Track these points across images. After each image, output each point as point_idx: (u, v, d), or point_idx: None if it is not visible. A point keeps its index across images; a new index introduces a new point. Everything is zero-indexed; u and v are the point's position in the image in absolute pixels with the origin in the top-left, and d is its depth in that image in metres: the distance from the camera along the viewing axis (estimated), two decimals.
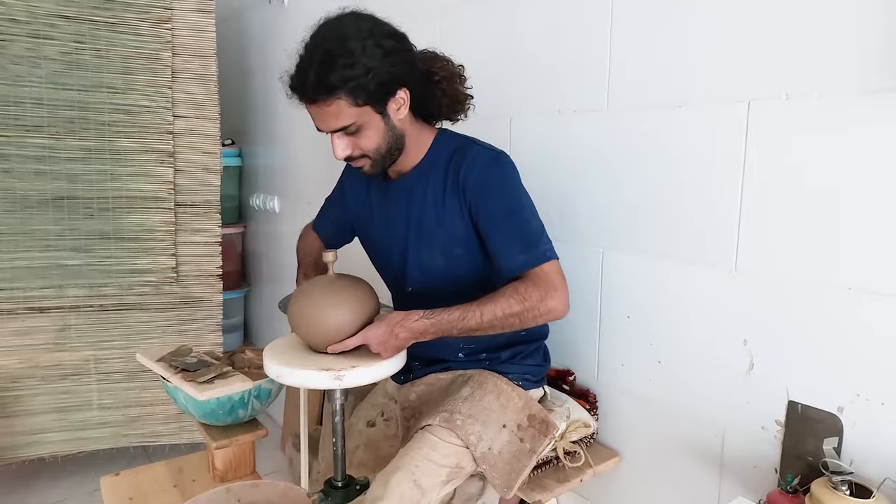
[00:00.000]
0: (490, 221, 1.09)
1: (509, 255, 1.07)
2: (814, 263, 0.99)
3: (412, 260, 1.21)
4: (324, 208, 1.44)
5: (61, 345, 2.19)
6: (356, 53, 1.00)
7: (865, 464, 0.96)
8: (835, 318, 0.98)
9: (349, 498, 1.16)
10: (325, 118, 1.04)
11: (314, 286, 1.10)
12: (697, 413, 1.18)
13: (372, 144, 1.09)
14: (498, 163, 1.11)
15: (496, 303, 1.02)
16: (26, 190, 2.06)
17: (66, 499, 2.22)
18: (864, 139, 0.93)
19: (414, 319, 1.03)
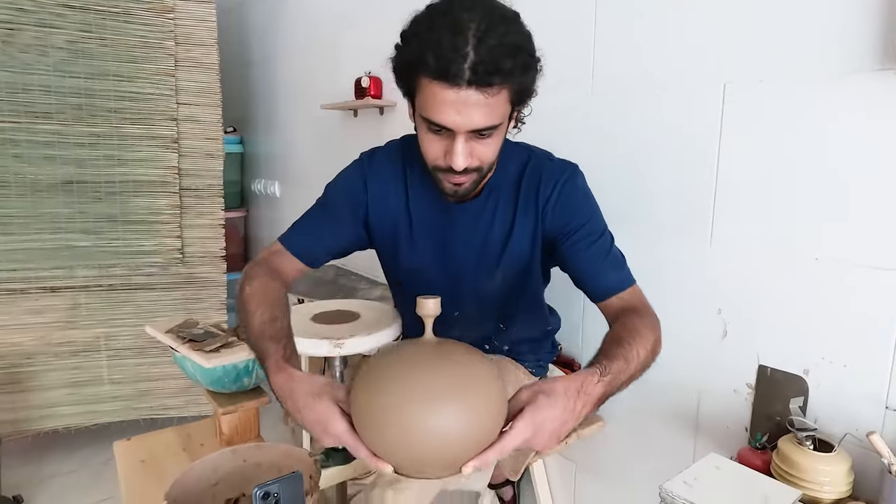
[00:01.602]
0: (578, 242, 0.94)
1: (602, 275, 0.93)
2: (783, 235, 1.01)
3: (467, 287, 1.06)
4: (307, 225, 1.04)
5: (73, 323, 2.19)
6: (528, 40, 0.82)
7: (829, 422, 0.98)
8: (803, 287, 1.00)
9: (349, 460, 1.18)
10: (475, 111, 0.78)
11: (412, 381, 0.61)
12: (674, 379, 1.21)
13: (492, 155, 0.87)
14: (576, 179, 0.97)
15: (639, 337, 0.82)
16: (36, 174, 2.05)
17: (79, 468, 2.23)
18: (830, 119, 0.94)
19: (594, 382, 0.70)
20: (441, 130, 0.82)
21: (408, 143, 1.01)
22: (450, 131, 0.81)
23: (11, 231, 2.05)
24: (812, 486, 0.89)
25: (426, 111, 0.81)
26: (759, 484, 0.87)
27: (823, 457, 0.90)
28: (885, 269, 0.90)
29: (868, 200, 0.91)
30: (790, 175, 1.00)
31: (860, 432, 0.92)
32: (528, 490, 1.57)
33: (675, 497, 0.85)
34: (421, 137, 0.87)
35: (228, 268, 2.48)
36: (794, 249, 1.00)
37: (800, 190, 0.99)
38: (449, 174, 0.87)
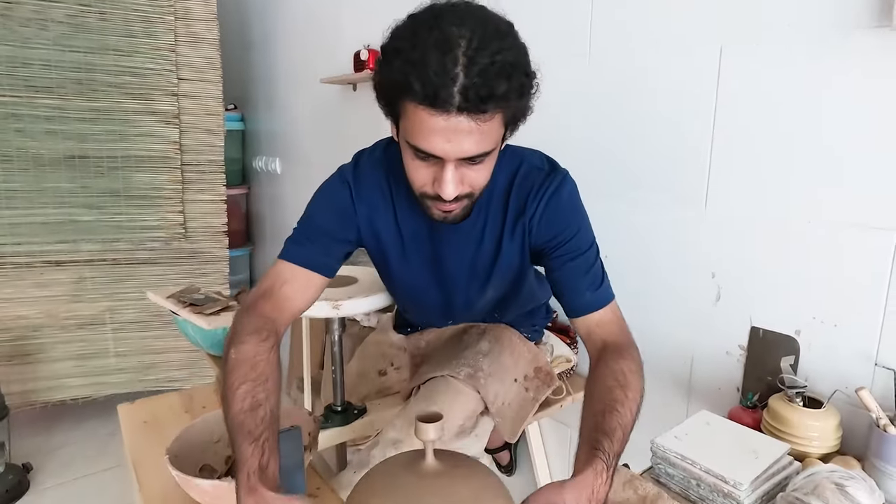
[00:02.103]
0: (561, 256, 0.89)
1: (578, 292, 0.88)
2: (777, 198, 1.01)
3: (460, 300, 1.06)
4: (306, 239, 0.91)
5: (78, 296, 2.20)
6: (523, 55, 0.73)
7: (819, 381, 0.99)
8: (796, 249, 0.99)
9: (348, 421, 1.19)
10: (466, 139, 0.71)
11: None
12: (668, 343, 1.21)
13: (484, 180, 0.81)
14: (563, 191, 0.90)
15: (630, 393, 0.75)
16: (38, 149, 2.04)
17: (87, 439, 2.26)
18: (826, 78, 0.93)
19: (604, 482, 0.65)
20: (429, 158, 0.74)
21: (390, 156, 0.92)
22: (439, 158, 0.74)
23: (15, 205, 2.05)
24: (801, 441, 0.89)
25: (412, 138, 0.73)
26: (748, 438, 0.88)
27: (813, 413, 0.90)
28: (877, 229, 0.89)
29: (863, 160, 0.90)
30: (786, 137, 0.99)
31: (849, 389, 0.92)
32: (524, 454, 1.58)
33: (666, 450, 0.86)
34: (407, 163, 0.79)
35: (231, 244, 2.48)
36: (788, 211, 0.99)
37: (795, 152, 0.98)
38: (438, 202, 0.79)
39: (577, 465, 0.67)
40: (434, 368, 1.16)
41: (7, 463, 1.92)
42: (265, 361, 0.75)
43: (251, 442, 0.65)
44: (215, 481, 0.82)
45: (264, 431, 0.67)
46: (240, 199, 3.08)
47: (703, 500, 0.81)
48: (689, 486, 0.83)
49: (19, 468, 1.97)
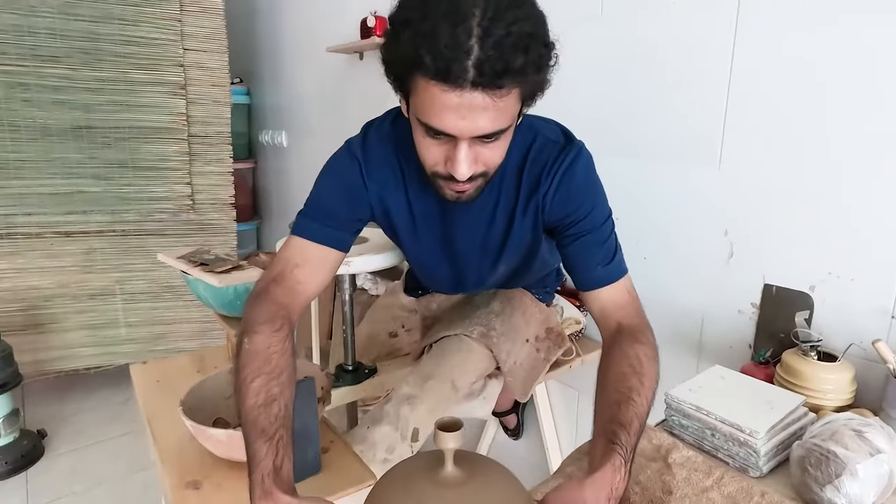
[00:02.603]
0: (575, 233, 0.85)
1: (590, 267, 0.84)
2: (794, 152, 0.98)
3: (472, 276, 1.03)
4: (316, 213, 0.86)
5: (88, 267, 2.19)
6: (542, 25, 0.67)
7: (833, 337, 0.97)
8: (812, 202, 0.97)
9: (358, 380, 1.18)
10: (481, 116, 0.66)
11: None
12: (679, 303, 1.19)
13: (499, 158, 0.75)
14: (580, 163, 0.84)
15: (646, 380, 0.72)
16: (46, 119, 2.02)
17: (99, 407, 2.27)
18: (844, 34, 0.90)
19: (622, 477, 0.62)
20: (441, 135, 0.69)
21: (399, 131, 0.87)
22: (451, 136, 0.69)
23: (24, 175, 2.03)
24: (815, 394, 0.87)
25: (424, 115, 0.68)
26: (762, 391, 0.86)
27: (827, 366, 0.89)
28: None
29: (882, 111, 0.87)
30: (804, 92, 0.95)
31: (864, 343, 0.90)
32: (532, 418, 1.57)
33: (681, 402, 0.84)
34: (418, 141, 0.74)
35: (238, 218, 2.46)
36: (805, 165, 0.97)
37: (814, 105, 0.95)
38: (450, 182, 0.75)
39: (594, 461, 0.64)
40: (446, 328, 1.14)
41: (22, 429, 1.93)
42: (279, 353, 0.72)
43: (265, 441, 0.62)
44: (230, 430, 0.81)
45: (279, 429, 0.64)
46: (246, 173, 3.05)
47: (718, 450, 0.80)
48: (704, 436, 0.82)
49: (34, 434, 1.98)
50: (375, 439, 0.98)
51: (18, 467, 1.85)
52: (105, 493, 1.76)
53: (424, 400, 1.01)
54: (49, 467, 1.89)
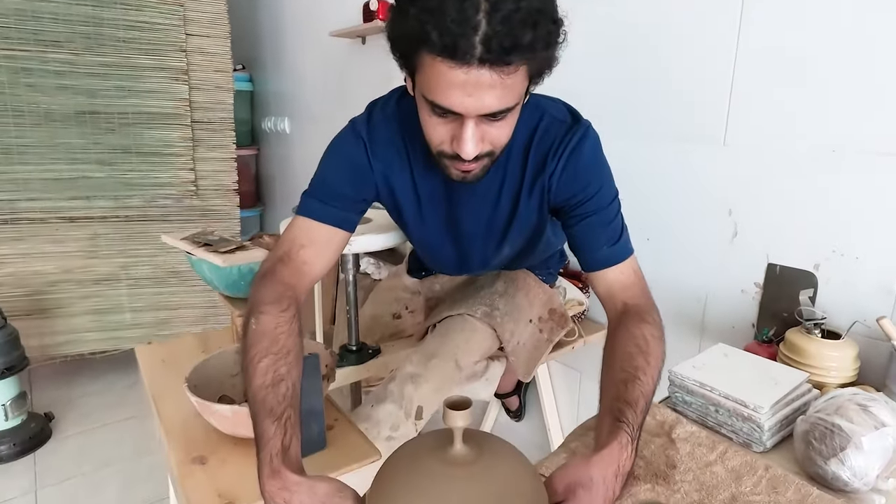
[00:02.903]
0: (581, 213, 0.83)
1: (596, 248, 0.83)
2: (801, 130, 0.97)
3: (476, 257, 1.02)
4: (321, 193, 0.85)
5: (92, 253, 2.18)
6: (553, 7, 0.66)
7: (838, 315, 0.96)
8: (817, 181, 0.96)
9: (362, 361, 1.18)
10: (488, 94, 0.64)
11: None
12: (681, 284, 1.18)
13: (506, 137, 0.74)
14: (586, 143, 0.82)
15: (653, 360, 0.71)
16: (49, 104, 2.00)
17: (106, 391, 2.27)
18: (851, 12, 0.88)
19: (628, 455, 0.61)
20: (447, 114, 0.68)
21: (405, 110, 0.85)
22: (457, 115, 0.67)
23: (28, 161, 2.02)
24: (819, 372, 0.87)
25: (430, 93, 0.66)
26: (767, 368, 0.85)
27: (831, 343, 0.88)
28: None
29: (891, 87, 0.86)
30: (811, 68, 0.94)
31: (869, 321, 0.89)
32: (534, 399, 1.57)
33: (684, 378, 0.84)
34: (423, 119, 0.73)
35: (241, 205, 2.45)
36: (811, 143, 0.95)
37: (821, 82, 0.93)
38: (456, 161, 0.73)
39: (601, 438, 0.63)
40: (450, 308, 1.14)
41: (29, 412, 1.94)
42: (286, 333, 0.71)
43: (273, 420, 0.62)
44: (234, 406, 0.81)
45: (287, 409, 0.63)
46: (249, 160, 3.04)
47: (722, 425, 0.80)
48: (708, 412, 0.81)
49: (41, 417, 1.99)
50: (380, 417, 0.97)
51: (26, 449, 1.86)
52: (112, 475, 1.76)
53: (428, 379, 1.00)
54: (57, 449, 1.90)
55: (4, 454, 1.81)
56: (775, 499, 0.65)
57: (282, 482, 0.57)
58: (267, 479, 0.57)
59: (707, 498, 0.66)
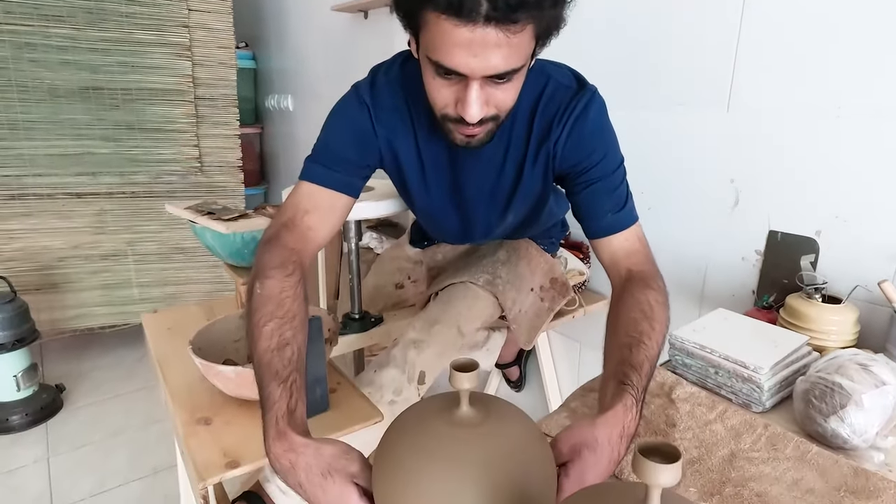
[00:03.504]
0: (586, 181, 0.81)
1: (600, 215, 0.80)
2: (805, 94, 0.94)
3: (480, 225, 1.00)
4: (324, 158, 0.83)
5: (99, 228, 2.17)
6: None
7: (839, 281, 0.94)
8: (822, 146, 0.93)
9: (365, 328, 1.17)
10: (494, 54, 0.62)
11: (457, 474, 0.46)
12: (682, 253, 1.17)
13: (511, 101, 0.71)
14: (592, 109, 0.80)
15: (657, 325, 0.70)
16: (53, 80, 1.98)
17: (115, 364, 2.28)
18: None
19: (633, 416, 0.59)
20: (451, 75, 0.65)
21: (408, 74, 0.83)
22: (462, 76, 0.65)
23: (34, 136, 2.00)
24: (818, 335, 0.86)
25: (434, 53, 0.64)
26: (766, 331, 0.84)
27: (831, 307, 0.86)
28: None
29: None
30: (815, 28, 0.91)
31: (871, 286, 0.87)
32: (534, 370, 1.57)
33: (685, 341, 0.83)
34: (427, 82, 0.70)
35: (245, 183, 2.43)
36: (815, 107, 0.93)
37: (827, 45, 0.90)
38: (461, 125, 0.71)
39: (605, 401, 0.62)
40: (452, 276, 1.13)
41: (41, 383, 1.95)
42: (291, 298, 0.69)
43: (279, 383, 0.60)
44: (238, 367, 0.80)
45: (292, 373, 0.62)
46: (253, 138, 3.01)
47: (721, 387, 0.79)
48: (707, 374, 0.80)
49: (52, 388, 2.00)
50: (382, 382, 0.97)
51: (39, 419, 1.87)
52: (122, 443, 1.77)
53: (431, 344, 0.99)
54: (68, 419, 1.91)
55: (17, 423, 1.83)
56: (774, 455, 0.65)
57: (288, 444, 0.56)
58: (273, 440, 0.56)
59: (706, 455, 0.66)
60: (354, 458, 0.55)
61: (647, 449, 0.33)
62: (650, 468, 0.32)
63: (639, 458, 0.33)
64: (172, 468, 1.62)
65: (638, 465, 0.33)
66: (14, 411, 1.83)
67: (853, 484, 0.59)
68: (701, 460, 0.65)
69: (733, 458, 0.65)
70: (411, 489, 0.46)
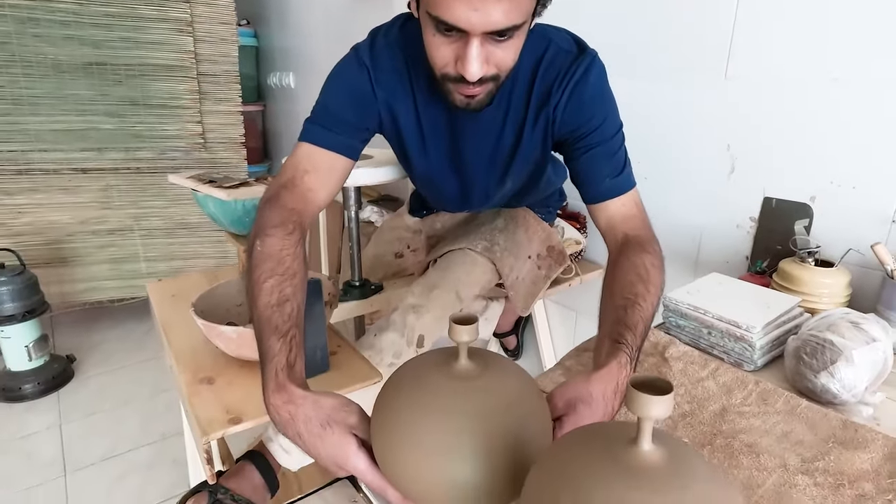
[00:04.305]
0: (585, 145, 0.80)
1: (599, 180, 0.79)
2: (803, 61, 0.92)
3: (479, 191, 0.98)
4: (324, 119, 0.81)
5: (106, 203, 2.16)
6: None
7: (832, 246, 0.93)
8: (819, 112, 0.91)
9: (365, 296, 1.16)
10: (495, 8, 0.60)
11: (454, 424, 0.46)
12: (678, 221, 1.15)
13: (511, 60, 0.70)
14: (592, 73, 0.78)
15: (653, 287, 0.69)
16: (57, 55, 1.94)
17: (124, 336, 2.28)
18: None
19: (624, 376, 0.59)
20: (452, 32, 0.64)
21: (408, 36, 0.81)
22: (462, 32, 0.63)
23: (40, 112, 1.97)
24: (811, 298, 0.85)
25: (435, 7, 0.62)
26: (759, 294, 0.83)
27: (824, 270, 0.86)
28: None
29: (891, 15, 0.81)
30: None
31: (864, 250, 0.86)
32: (531, 338, 1.57)
33: (679, 303, 0.82)
34: (427, 40, 0.68)
35: (248, 160, 2.41)
36: (813, 74, 0.91)
37: (825, 9, 0.88)
38: (460, 84, 0.69)
39: (600, 359, 0.62)
40: (451, 243, 1.12)
41: (52, 353, 1.95)
42: (292, 256, 0.68)
43: (279, 338, 0.59)
44: (239, 328, 0.80)
45: (292, 328, 0.61)
46: (256, 115, 2.97)
47: (714, 347, 0.78)
48: (700, 335, 0.80)
49: (63, 359, 2.00)
50: (382, 346, 0.96)
51: (50, 388, 1.88)
52: (132, 411, 1.79)
53: (430, 308, 0.99)
54: (79, 388, 1.92)
55: (29, 392, 1.84)
56: (764, 409, 0.64)
57: (287, 396, 0.55)
58: (272, 393, 0.56)
59: (698, 409, 0.65)
60: (353, 411, 0.55)
61: (639, 383, 0.33)
62: (642, 400, 0.31)
63: (631, 391, 0.32)
64: (180, 435, 1.63)
65: (631, 398, 0.32)
66: (26, 380, 1.84)
67: (842, 435, 0.59)
68: (693, 414, 0.64)
69: (724, 413, 0.64)
70: (409, 440, 0.46)
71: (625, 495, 0.31)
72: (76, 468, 1.53)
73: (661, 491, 0.31)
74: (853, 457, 0.55)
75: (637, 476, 0.32)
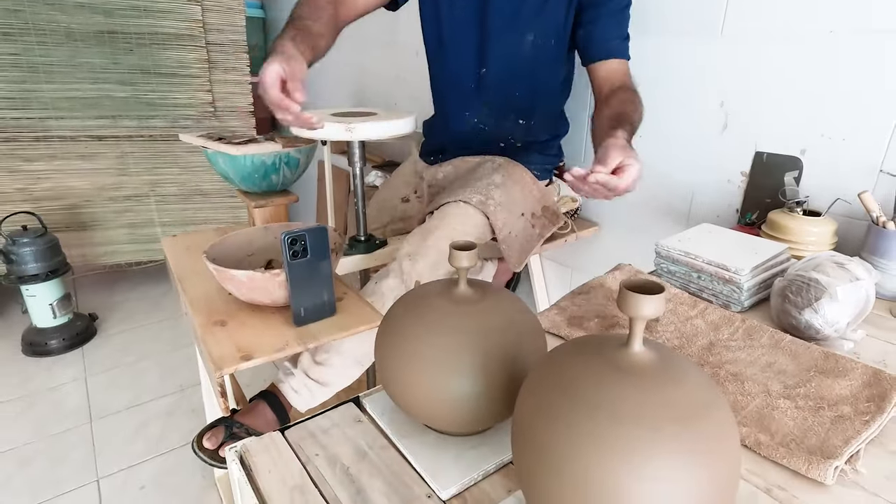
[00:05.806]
0: (600, 8, 0.96)
1: (606, 42, 0.97)
2: (798, 15, 0.89)
3: (499, 46, 1.05)
4: None
5: (122, 170, 2.15)
6: None
7: (820, 197, 0.92)
8: (813, 65, 0.89)
9: (370, 250, 1.16)
10: None
11: (454, 349, 0.46)
12: (671, 179, 1.14)
13: None
14: None
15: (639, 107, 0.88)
16: (69, 23, 1.90)
17: (143, 297, 2.30)
18: None
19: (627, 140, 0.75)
20: None
21: None
22: None
23: (54, 80, 1.94)
24: (798, 246, 0.84)
25: None
26: (748, 241, 0.82)
27: (811, 219, 0.85)
28: None
29: None
30: None
31: (851, 198, 0.85)
32: (527, 295, 1.57)
33: (670, 249, 0.81)
34: None
35: (259, 131, 2.38)
36: (808, 29, 0.88)
37: None
38: None
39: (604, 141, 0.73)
40: (448, 195, 1.11)
41: (75, 312, 1.97)
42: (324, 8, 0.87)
43: (293, 27, 0.80)
44: (250, 272, 0.79)
45: (303, 28, 0.80)
46: None
47: (703, 290, 0.78)
48: (690, 279, 0.79)
49: (86, 317, 2.02)
50: (383, 291, 0.97)
51: (75, 343, 1.90)
52: (152, 365, 1.81)
53: (425, 255, 0.99)
54: (101, 344, 1.95)
55: (55, 347, 1.86)
56: (750, 344, 0.64)
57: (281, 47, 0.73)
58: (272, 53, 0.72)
59: (686, 344, 0.65)
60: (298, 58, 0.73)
61: (631, 285, 0.32)
62: (634, 299, 0.31)
63: (623, 292, 0.32)
64: (197, 386, 1.66)
65: (622, 298, 0.32)
66: (52, 336, 1.87)
67: (823, 365, 0.59)
68: (681, 348, 0.64)
69: (711, 347, 0.64)
70: (412, 357, 0.46)
71: (619, 392, 0.31)
72: (101, 416, 1.56)
73: (654, 388, 0.31)
74: (833, 384, 0.55)
75: (630, 374, 0.32)
